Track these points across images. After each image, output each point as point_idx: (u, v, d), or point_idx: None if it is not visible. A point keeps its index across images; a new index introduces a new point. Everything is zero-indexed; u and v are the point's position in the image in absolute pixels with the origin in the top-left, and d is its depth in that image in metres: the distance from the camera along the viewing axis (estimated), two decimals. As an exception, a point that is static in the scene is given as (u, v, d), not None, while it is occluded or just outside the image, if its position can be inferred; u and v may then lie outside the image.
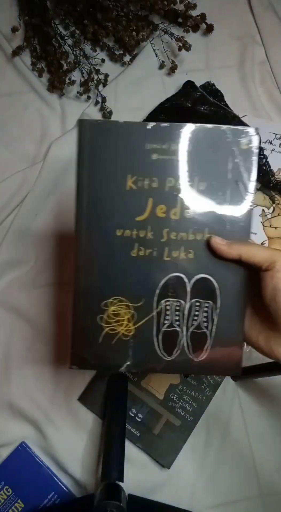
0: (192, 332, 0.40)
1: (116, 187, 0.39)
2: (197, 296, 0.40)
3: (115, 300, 0.39)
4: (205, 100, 0.72)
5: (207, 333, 0.40)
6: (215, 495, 0.56)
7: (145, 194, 0.39)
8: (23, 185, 0.72)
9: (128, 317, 0.39)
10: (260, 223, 0.65)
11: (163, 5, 0.77)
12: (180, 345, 0.40)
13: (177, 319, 0.40)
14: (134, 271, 0.39)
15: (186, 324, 0.40)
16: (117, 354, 0.39)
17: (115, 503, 0.45)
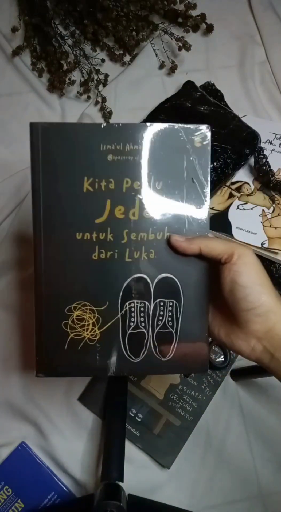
0: (158, 332, 0.40)
1: (73, 190, 0.39)
2: (161, 296, 0.40)
3: (79, 304, 0.39)
4: (205, 100, 0.72)
5: (172, 332, 0.40)
6: (215, 495, 0.56)
7: (102, 196, 0.39)
8: (23, 185, 0.72)
9: (93, 321, 0.39)
10: (260, 223, 0.65)
11: (163, 5, 0.77)
12: (146, 346, 0.40)
13: (142, 320, 0.40)
14: (97, 275, 0.39)
15: (151, 325, 0.40)
16: (85, 359, 0.39)
17: (115, 503, 0.45)
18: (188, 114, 0.71)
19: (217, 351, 0.61)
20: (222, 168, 0.66)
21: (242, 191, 0.69)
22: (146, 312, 0.40)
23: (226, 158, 0.66)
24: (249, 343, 0.37)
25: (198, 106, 0.72)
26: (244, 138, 0.68)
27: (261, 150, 0.68)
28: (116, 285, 0.39)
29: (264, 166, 0.67)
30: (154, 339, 0.40)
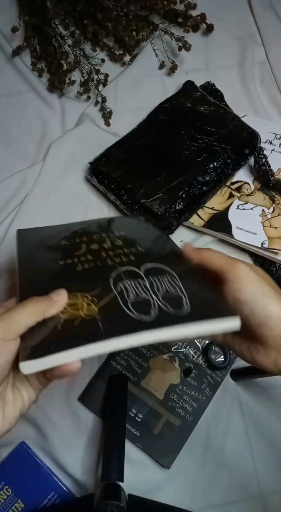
0: (163, 296, 0.38)
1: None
2: (152, 275, 0.40)
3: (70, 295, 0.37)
4: (205, 100, 0.72)
5: (178, 293, 0.38)
6: (215, 495, 0.56)
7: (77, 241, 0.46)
8: (23, 185, 0.72)
9: (88, 301, 0.37)
10: (260, 223, 0.65)
11: (163, 5, 0.77)
12: (155, 306, 0.37)
13: (140, 291, 0.38)
14: (83, 278, 0.40)
15: (153, 292, 0.38)
16: (84, 330, 0.34)
17: (115, 503, 0.45)
18: (188, 114, 0.71)
19: (217, 351, 0.61)
20: (222, 168, 0.66)
21: (242, 191, 0.69)
22: (142, 286, 0.39)
23: (226, 158, 0.66)
24: (270, 358, 0.35)
25: (198, 106, 0.72)
26: (244, 138, 0.68)
27: (261, 150, 0.68)
28: (105, 278, 0.40)
29: (263, 166, 0.67)
30: (161, 300, 0.37)
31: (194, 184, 0.64)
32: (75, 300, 0.37)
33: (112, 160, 0.68)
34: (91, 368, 0.61)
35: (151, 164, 0.67)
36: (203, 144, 0.67)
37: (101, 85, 0.79)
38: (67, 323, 0.35)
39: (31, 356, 0.31)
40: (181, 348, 0.61)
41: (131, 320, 0.35)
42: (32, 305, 0.34)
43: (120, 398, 0.57)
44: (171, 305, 0.37)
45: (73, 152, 0.73)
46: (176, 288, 0.39)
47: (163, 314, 0.36)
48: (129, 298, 0.37)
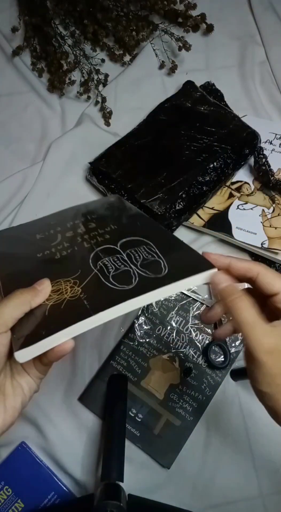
0: (142, 264, 0.39)
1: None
2: (128, 248, 0.41)
3: (53, 283, 0.38)
4: (205, 100, 0.72)
5: (155, 258, 0.40)
6: (215, 495, 0.56)
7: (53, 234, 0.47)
8: (23, 185, 0.72)
9: (70, 285, 0.38)
10: (260, 223, 0.65)
11: (163, 5, 0.77)
12: (135, 275, 0.38)
13: (119, 264, 0.40)
14: (63, 264, 0.41)
15: (131, 263, 0.39)
16: (72, 310, 0.35)
17: (115, 503, 0.45)
18: (188, 114, 0.71)
19: (217, 351, 0.61)
20: (222, 168, 0.66)
21: (242, 191, 0.69)
22: (120, 259, 0.40)
23: (226, 158, 0.66)
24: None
25: (198, 106, 0.72)
26: (244, 138, 0.68)
27: (261, 150, 0.68)
28: (83, 260, 0.41)
29: (263, 166, 0.67)
30: (140, 268, 0.39)
31: (194, 184, 0.64)
32: (59, 286, 0.38)
33: (112, 160, 0.68)
34: (91, 368, 0.61)
35: (151, 164, 0.67)
36: (203, 144, 0.67)
37: (101, 85, 0.79)
38: (54, 307, 0.36)
39: (24, 345, 0.32)
40: (181, 348, 0.61)
41: (114, 291, 0.36)
42: (18, 297, 0.35)
43: (120, 398, 0.57)
44: (150, 270, 0.38)
45: (73, 152, 0.73)
46: (153, 255, 0.40)
47: (143, 280, 0.37)
48: (110, 273, 0.39)
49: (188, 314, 0.63)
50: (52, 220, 0.51)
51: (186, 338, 0.61)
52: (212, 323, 0.39)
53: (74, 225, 0.49)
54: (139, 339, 0.61)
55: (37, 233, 0.48)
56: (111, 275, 0.38)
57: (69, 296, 0.37)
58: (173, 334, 0.62)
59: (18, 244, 0.48)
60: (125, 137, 0.72)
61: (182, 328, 0.62)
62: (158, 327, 0.62)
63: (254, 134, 0.69)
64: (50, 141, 0.74)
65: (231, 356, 0.60)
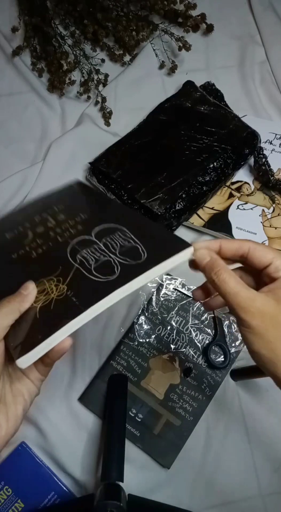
0: (120, 252, 0.40)
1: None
2: (104, 236, 0.41)
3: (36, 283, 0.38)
4: (205, 100, 0.72)
5: (132, 244, 0.40)
6: (215, 495, 0.56)
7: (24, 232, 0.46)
8: (23, 185, 0.72)
9: (55, 283, 0.38)
10: (260, 223, 0.65)
11: (163, 5, 0.77)
12: (116, 264, 0.38)
13: (98, 255, 0.40)
14: (41, 263, 0.41)
15: (110, 252, 0.40)
16: (62, 309, 0.35)
17: (115, 503, 0.45)
18: (188, 114, 0.71)
19: (217, 351, 0.61)
20: (222, 168, 0.66)
21: (242, 191, 0.69)
22: (98, 250, 0.40)
23: (226, 158, 0.66)
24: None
25: (198, 106, 0.72)
26: (244, 138, 0.68)
27: (261, 150, 0.68)
28: (60, 254, 0.41)
29: (263, 166, 0.67)
30: (120, 256, 0.39)
31: (194, 184, 0.64)
32: (43, 286, 0.38)
33: (112, 160, 0.68)
34: (91, 368, 0.61)
35: (151, 164, 0.67)
36: (203, 144, 0.67)
37: (101, 85, 0.79)
38: (44, 309, 0.36)
39: (23, 352, 0.32)
40: (181, 348, 0.61)
41: (100, 284, 0.37)
42: (5, 306, 0.35)
43: (120, 398, 0.57)
44: (130, 257, 0.39)
45: (73, 152, 0.73)
46: (129, 241, 0.41)
47: (125, 268, 0.38)
48: (91, 265, 0.39)
49: (188, 314, 0.63)
50: (18, 217, 0.50)
51: (186, 338, 0.61)
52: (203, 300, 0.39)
53: (42, 219, 0.47)
54: (139, 339, 0.61)
55: (5, 232, 0.47)
56: (93, 267, 0.39)
57: (56, 295, 0.37)
58: (173, 334, 0.62)
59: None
60: (125, 137, 0.72)
61: (182, 328, 0.62)
62: (158, 327, 0.62)
63: (254, 134, 0.69)
64: (50, 141, 0.74)
65: (231, 356, 0.60)
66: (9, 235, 0.47)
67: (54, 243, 0.43)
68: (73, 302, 0.35)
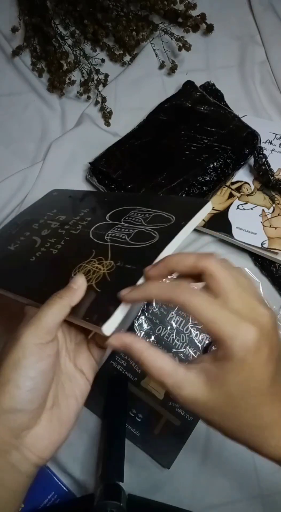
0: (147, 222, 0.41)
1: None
2: (120, 218, 0.42)
3: (74, 271, 0.38)
4: (205, 100, 0.72)
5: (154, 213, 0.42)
6: (215, 495, 0.56)
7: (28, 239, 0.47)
8: (23, 185, 0.72)
9: (97, 264, 0.38)
10: (260, 223, 0.65)
11: (163, 5, 0.77)
12: (151, 231, 0.39)
13: (126, 230, 0.40)
14: (65, 254, 0.42)
15: (136, 225, 0.41)
16: (125, 276, 0.35)
17: (115, 503, 0.45)
18: (188, 114, 0.71)
19: (217, 351, 0.61)
20: (222, 168, 0.66)
21: (242, 191, 0.69)
22: (124, 227, 0.41)
23: (226, 158, 0.66)
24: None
25: (198, 106, 0.72)
26: (244, 138, 0.68)
27: (261, 150, 0.68)
28: (86, 241, 0.42)
29: (263, 166, 0.67)
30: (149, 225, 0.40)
31: (194, 184, 0.64)
32: (86, 268, 0.38)
33: (112, 160, 0.68)
34: (91, 368, 0.61)
35: (151, 164, 0.67)
36: (203, 144, 0.67)
37: (101, 85, 0.79)
38: (101, 283, 0.35)
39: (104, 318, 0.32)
40: (181, 348, 0.61)
41: (146, 248, 0.37)
42: (57, 302, 0.33)
43: (120, 398, 0.57)
44: (160, 222, 0.40)
45: (73, 152, 0.73)
46: (150, 212, 0.41)
47: (162, 231, 0.38)
48: (125, 239, 0.39)
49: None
50: (12, 231, 0.50)
51: (186, 338, 0.61)
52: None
53: (42, 224, 0.47)
54: (139, 339, 0.61)
55: (7, 245, 0.47)
56: (129, 239, 0.39)
57: (107, 270, 0.37)
58: (173, 334, 0.62)
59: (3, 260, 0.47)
60: (125, 137, 0.72)
61: (182, 328, 0.62)
62: (158, 327, 0.62)
63: (254, 134, 0.69)
64: (50, 141, 0.74)
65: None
66: (13, 246, 0.46)
67: (72, 236, 0.43)
68: (129, 268, 0.36)
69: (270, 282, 0.65)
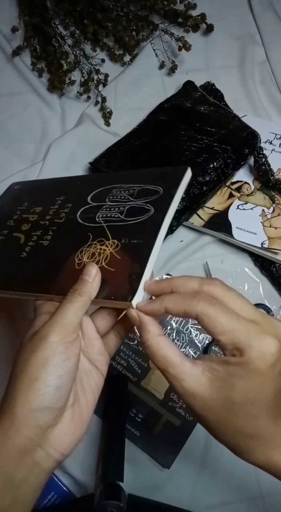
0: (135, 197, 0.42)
1: None
2: (103, 198, 0.43)
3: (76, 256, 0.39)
4: (205, 100, 0.72)
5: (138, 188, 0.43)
6: (215, 495, 0.56)
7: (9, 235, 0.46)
8: (23, 185, 0.72)
9: (99, 245, 0.39)
10: (260, 223, 0.65)
11: (163, 5, 0.77)
12: (143, 205, 0.41)
13: (117, 208, 0.41)
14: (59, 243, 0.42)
15: (125, 203, 0.42)
16: (134, 251, 0.37)
17: (115, 503, 0.45)
18: (188, 114, 0.71)
19: (217, 351, 0.61)
20: (222, 168, 0.66)
21: (242, 191, 0.69)
22: (112, 206, 0.42)
23: (226, 158, 0.66)
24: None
25: (198, 106, 0.72)
26: (244, 138, 0.68)
27: (261, 150, 0.68)
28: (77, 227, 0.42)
29: (263, 166, 0.67)
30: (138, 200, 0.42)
31: (194, 184, 0.64)
32: (89, 253, 0.38)
33: (112, 160, 0.68)
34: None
35: (151, 164, 0.67)
36: (203, 144, 0.67)
37: (101, 85, 0.79)
38: (111, 262, 0.37)
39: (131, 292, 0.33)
40: (181, 348, 0.61)
41: (145, 221, 0.39)
42: (78, 300, 0.34)
43: (120, 398, 0.57)
44: (148, 195, 0.41)
45: (73, 152, 0.73)
46: (132, 189, 0.42)
47: (155, 203, 0.40)
48: (119, 217, 0.40)
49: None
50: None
51: (186, 338, 0.61)
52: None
53: (19, 220, 0.47)
54: (139, 339, 0.61)
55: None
56: (123, 216, 0.40)
57: (113, 249, 0.38)
58: (173, 334, 0.62)
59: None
60: (125, 137, 0.72)
61: (182, 328, 0.62)
62: (158, 327, 0.62)
63: (254, 134, 0.69)
64: (50, 141, 0.74)
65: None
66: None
67: (58, 225, 0.43)
68: (136, 243, 0.37)
69: (270, 282, 0.65)
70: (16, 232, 0.46)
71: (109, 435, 0.54)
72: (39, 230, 0.44)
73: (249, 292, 0.64)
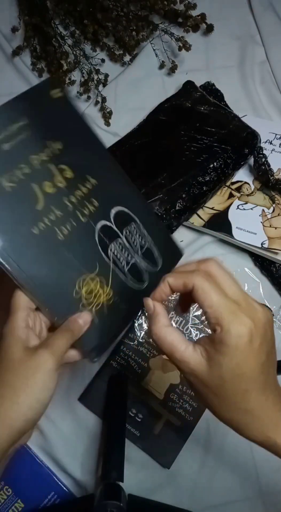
0: (142, 254, 0.46)
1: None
2: (122, 225, 0.45)
3: (79, 283, 0.41)
4: (205, 100, 0.72)
5: (147, 245, 0.47)
6: (215, 495, 0.56)
7: (25, 183, 0.39)
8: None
9: (99, 286, 0.42)
10: (260, 223, 0.65)
11: (163, 5, 0.77)
12: (142, 269, 0.46)
13: (126, 255, 0.44)
14: (72, 248, 0.41)
15: (135, 252, 0.45)
16: (117, 316, 0.42)
17: (115, 503, 0.45)
18: (188, 114, 0.71)
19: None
20: (222, 168, 0.66)
21: (242, 191, 0.69)
22: (124, 246, 0.45)
23: (226, 158, 0.66)
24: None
25: (198, 106, 0.72)
26: (244, 138, 0.68)
27: (261, 150, 0.68)
28: (91, 244, 0.43)
29: (263, 166, 0.67)
30: (143, 259, 0.46)
31: (194, 184, 0.64)
32: (89, 286, 0.42)
33: (112, 160, 0.68)
34: (91, 368, 0.61)
35: (151, 164, 0.67)
36: (203, 144, 0.67)
37: (101, 85, 0.79)
38: (100, 313, 0.42)
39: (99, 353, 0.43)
40: (181, 348, 0.61)
41: (137, 293, 0.44)
42: (68, 336, 0.40)
43: (120, 398, 0.57)
44: (150, 261, 0.47)
45: (73, 152, 0.73)
46: (144, 240, 0.46)
47: (151, 277, 0.46)
48: (123, 267, 0.44)
49: (188, 314, 0.63)
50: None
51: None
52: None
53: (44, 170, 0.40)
54: (139, 339, 0.61)
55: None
56: (126, 270, 0.44)
57: (106, 300, 0.42)
58: (173, 334, 0.62)
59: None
60: (125, 137, 0.72)
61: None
62: (158, 327, 0.62)
63: (254, 134, 0.69)
64: (50, 141, 0.74)
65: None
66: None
67: (79, 224, 0.42)
68: (123, 310, 0.43)
69: (270, 282, 0.65)
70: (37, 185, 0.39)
71: (109, 435, 0.54)
72: (59, 210, 0.40)
73: (249, 292, 0.64)
